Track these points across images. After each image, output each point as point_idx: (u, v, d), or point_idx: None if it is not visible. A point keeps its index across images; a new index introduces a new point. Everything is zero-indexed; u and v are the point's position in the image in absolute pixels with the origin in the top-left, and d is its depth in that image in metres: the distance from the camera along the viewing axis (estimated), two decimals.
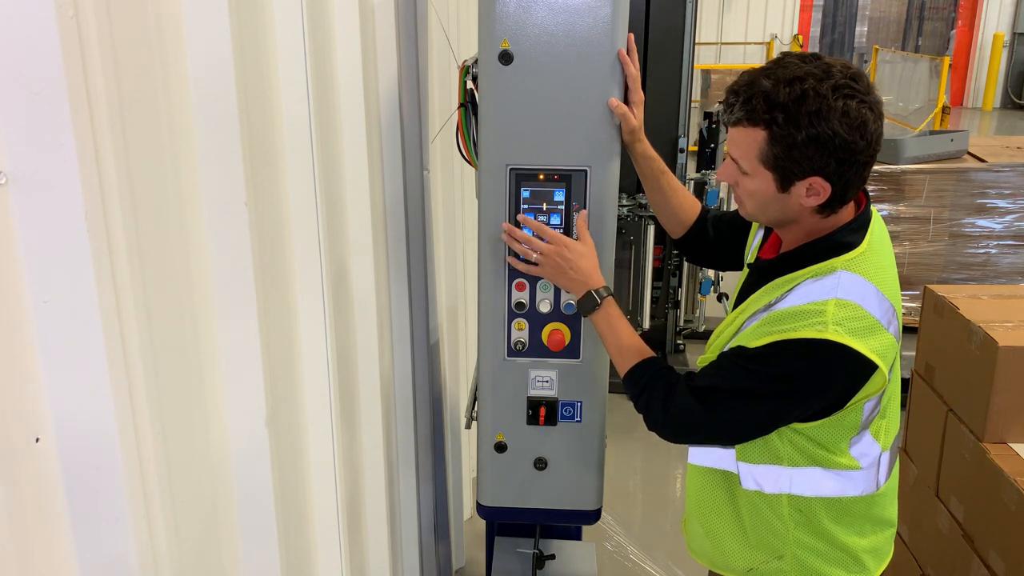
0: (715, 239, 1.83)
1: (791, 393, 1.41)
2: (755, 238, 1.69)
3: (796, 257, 1.47)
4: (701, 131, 4.47)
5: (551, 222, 1.77)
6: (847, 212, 1.46)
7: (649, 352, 1.62)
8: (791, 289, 1.43)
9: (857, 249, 1.43)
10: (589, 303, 1.67)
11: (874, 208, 1.52)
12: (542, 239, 1.72)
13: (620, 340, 1.64)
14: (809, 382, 1.40)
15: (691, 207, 1.86)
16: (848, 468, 1.50)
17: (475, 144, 1.88)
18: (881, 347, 1.38)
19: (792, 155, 1.35)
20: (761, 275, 1.53)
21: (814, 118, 1.31)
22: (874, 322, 1.38)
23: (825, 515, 1.53)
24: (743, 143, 1.40)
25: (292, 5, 1.45)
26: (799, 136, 1.32)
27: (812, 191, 1.38)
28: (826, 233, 1.45)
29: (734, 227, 1.79)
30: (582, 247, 1.71)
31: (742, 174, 1.43)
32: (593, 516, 2.00)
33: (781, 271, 1.47)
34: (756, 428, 1.48)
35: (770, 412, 1.45)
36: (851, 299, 1.38)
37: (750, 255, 1.67)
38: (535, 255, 1.72)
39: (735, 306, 1.60)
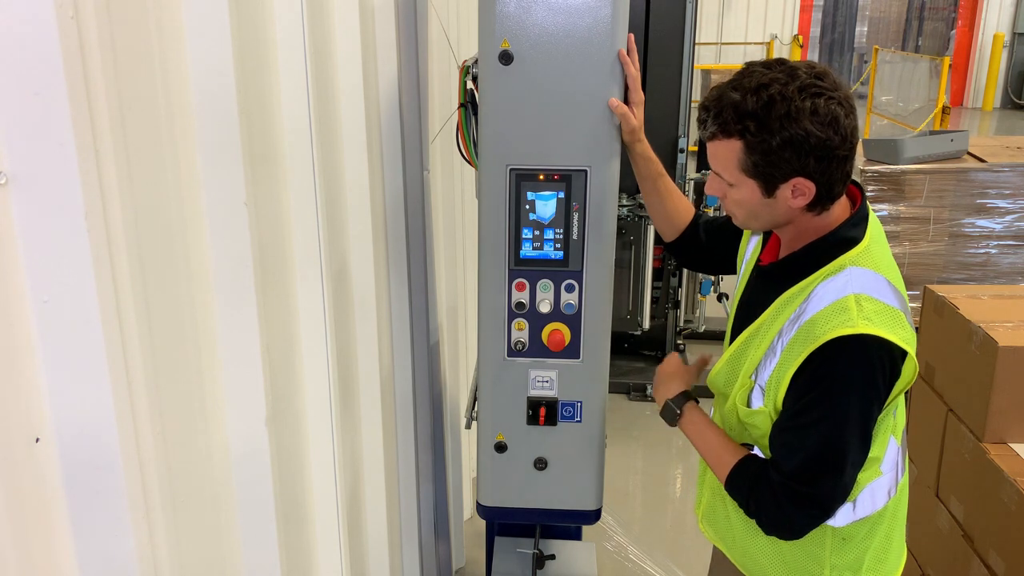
0: (708, 243, 1.83)
1: (856, 398, 1.37)
2: (750, 241, 1.68)
3: (802, 258, 1.46)
4: None
5: (550, 222, 1.77)
6: (843, 208, 1.46)
7: (739, 451, 1.55)
8: (807, 296, 1.42)
9: (861, 244, 1.44)
10: (669, 413, 1.66)
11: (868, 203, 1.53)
12: None
13: (709, 446, 1.59)
14: (861, 378, 1.37)
15: (685, 211, 1.86)
16: (876, 478, 1.50)
17: (475, 144, 1.88)
18: (907, 335, 1.39)
19: (770, 160, 1.35)
20: (767, 279, 1.53)
21: (785, 121, 1.32)
22: (896, 312, 1.39)
23: (862, 533, 1.52)
24: (722, 156, 1.41)
25: (292, 6, 1.45)
26: (773, 141, 1.33)
27: (798, 191, 1.39)
28: (828, 231, 1.45)
29: (727, 232, 1.79)
30: (671, 366, 1.73)
31: (728, 185, 1.44)
32: (593, 516, 2.00)
33: (789, 274, 1.47)
34: (860, 453, 1.43)
35: (856, 429, 1.40)
36: (867, 293, 1.38)
37: (748, 258, 1.67)
38: None
39: (739, 310, 1.60)
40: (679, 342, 4.85)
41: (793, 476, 1.42)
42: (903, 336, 1.37)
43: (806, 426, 1.40)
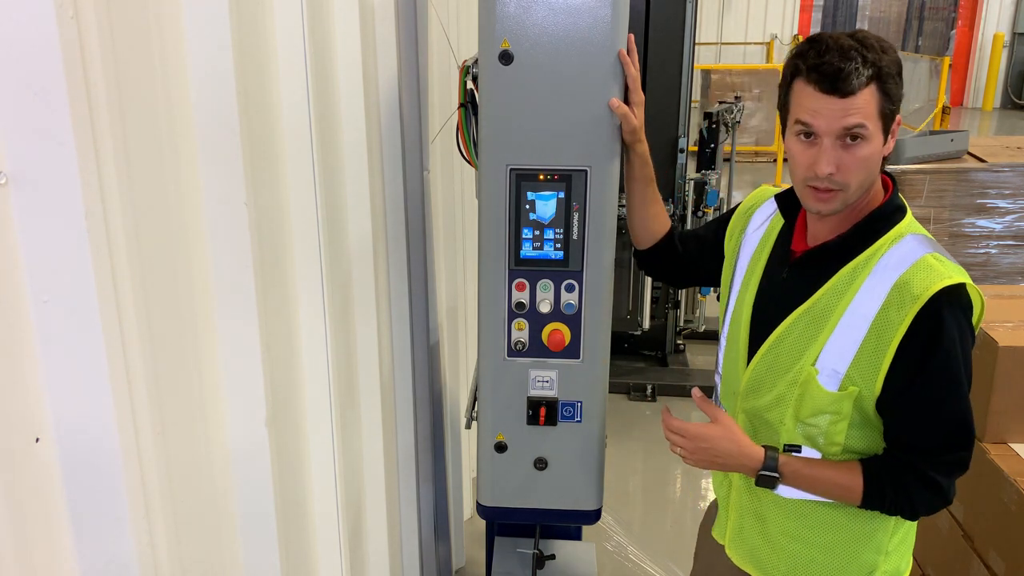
0: (683, 253, 1.84)
1: (965, 350, 1.40)
2: (749, 242, 1.66)
3: (863, 229, 1.46)
4: (701, 131, 4.47)
5: (550, 222, 1.78)
6: (879, 186, 1.51)
7: (855, 467, 1.48)
8: (873, 268, 1.42)
9: (908, 215, 1.49)
10: (767, 482, 1.51)
11: None
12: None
13: (829, 487, 1.51)
14: (966, 328, 1.39)
15: (665, 221, 1.88)
16: None
17: (475, 144, 1.88)
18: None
19: (897, 96, 1.41)
20: (807, 266, 1.51)
21: (891, 51, 1.40)
22: (960, 267, 1.42)
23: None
24: (865, 104, 1.37)
25: (292, 6, 1.45)
26: (895, 74, 1.40)
27: (893, 132, 1.44)
28: (877, 205, 1.48)
29: (703, 244, 1.80)
30: (714, 430, 1.54)
31: (855, 144, 1.39)
32: (593, 516, 2.00)
33: (844, 251, 1.47)
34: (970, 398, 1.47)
35: (969, 378, 1.43)
36: (937, 252, 1.42)
37: (751, 260, 1.64)
38: (678, 450, 1.59)
39: (759, 306, 1.57)
40: (679, 342, 4.85)
41: (942, 451, 1.43)
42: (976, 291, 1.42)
43: (936, 400, 1.41)
